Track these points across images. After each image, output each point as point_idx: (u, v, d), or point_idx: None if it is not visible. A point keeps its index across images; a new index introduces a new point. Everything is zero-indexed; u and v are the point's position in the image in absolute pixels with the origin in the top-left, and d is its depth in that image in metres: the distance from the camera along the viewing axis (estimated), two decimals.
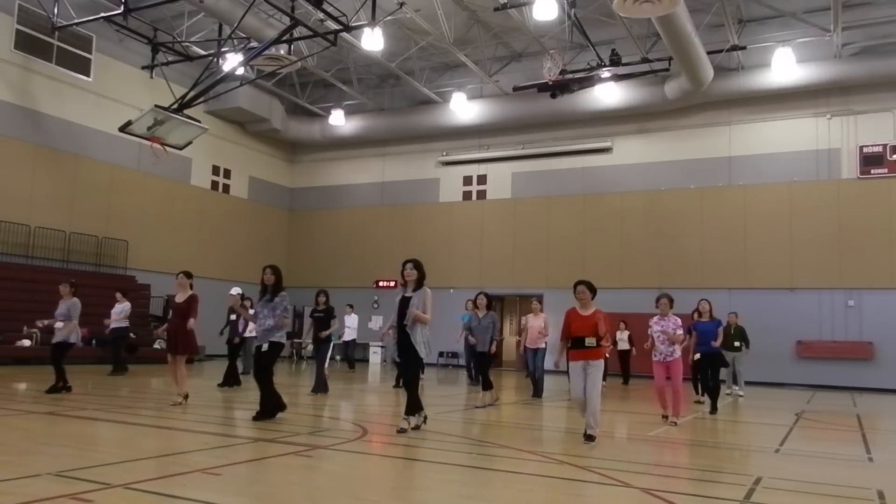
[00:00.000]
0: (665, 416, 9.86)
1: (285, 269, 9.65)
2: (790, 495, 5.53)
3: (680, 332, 9.65)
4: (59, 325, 11.20)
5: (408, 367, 8.18)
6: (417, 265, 8.08)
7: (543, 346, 13.37)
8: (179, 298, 10.26)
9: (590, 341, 7.59)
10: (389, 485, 5.52)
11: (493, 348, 11.83)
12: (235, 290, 14.19)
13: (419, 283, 8.03)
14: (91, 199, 21.15)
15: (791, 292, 20.68)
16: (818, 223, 20.57)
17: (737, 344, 14.51)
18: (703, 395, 12.44)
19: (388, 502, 4.90)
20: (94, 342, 18.46)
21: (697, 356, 11.59)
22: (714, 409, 11.37)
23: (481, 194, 25.64)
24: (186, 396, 10.22)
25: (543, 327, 13.22)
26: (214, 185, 25.71)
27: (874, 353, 19.60)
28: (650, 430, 9.16)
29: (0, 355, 16.71)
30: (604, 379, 8.29)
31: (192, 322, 10.09)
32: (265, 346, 8.80)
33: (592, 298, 7.80)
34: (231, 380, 13.58)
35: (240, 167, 26.67)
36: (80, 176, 20.96)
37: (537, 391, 13.54)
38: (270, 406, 8.78)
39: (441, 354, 23.80)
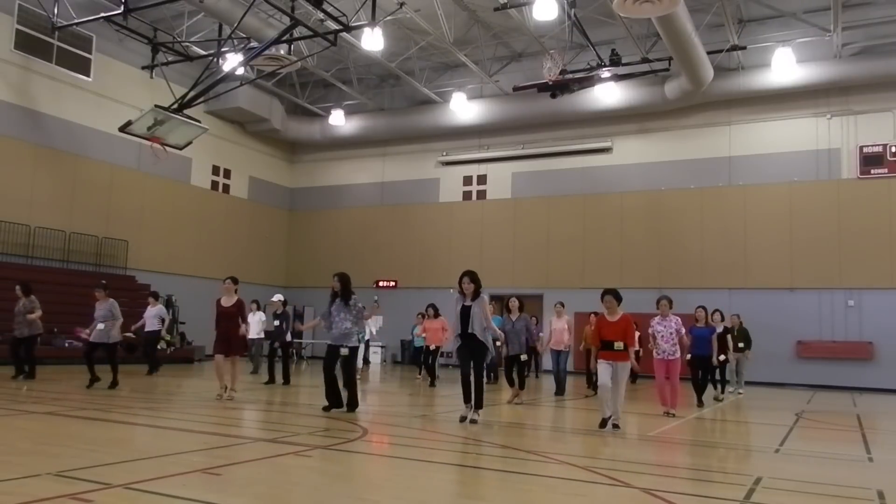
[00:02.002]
0: (666, 413, 10.48)
1: (285, 270, 9.83)
2: (790, 495, 5.53)
3: (682, 330, 10.63)
4: (101, 326, 11.84)
5: (477, 369, 8.92)
6: (474, 278, 8.96)
7: (565, 347, 13.51)
8: (226, 303, 10.85)
9: (618, 345, 8.50)
10: (389, 485, 5.52)
11: (538, 348, 12.21)
12: (277, 297, 14.76)
13: (476, 294, 8.92)
14: (91, 199, 21.14)
15: (791, 292, 20.67)
16: (818, 223, 20.56)
17: (740, 345, 14.64)
18: (702, 396, 12.57)
19: (388, 502, 4.90)
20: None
21: (689, 356, 12.17)
22: (700, 403, 12.17)
23: (481, 194, 25.63)
24: (226, 390, 10.85)
25: (566, 329, 13.38)
26: (214, 185, 25.70)
27: (874, 353, 19.59)
28: (651, 430, 9.17)
29: (0, 355, 16.70)
30: (633, 381, 9.05)
31: (244, 328, 10.91)
32: (345, 351, 9.47)
33: (619, 305, 8.69)
34: (279, 378, 14.04)
35: (240, 167, 26.66)
36: (80, 176, 20.95)
37: (560, 390, 13.80)
38: (353, 399, 9.63)
39: (442, 355, 23.75)
